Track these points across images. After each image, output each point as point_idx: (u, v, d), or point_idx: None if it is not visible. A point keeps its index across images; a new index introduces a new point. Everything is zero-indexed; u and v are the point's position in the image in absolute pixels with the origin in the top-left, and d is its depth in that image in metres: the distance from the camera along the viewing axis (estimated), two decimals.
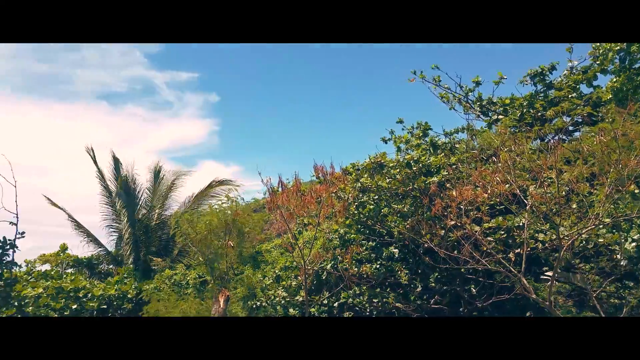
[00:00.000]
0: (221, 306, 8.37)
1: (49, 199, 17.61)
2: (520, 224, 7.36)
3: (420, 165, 9.15)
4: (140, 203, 18.62)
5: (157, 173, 19.20)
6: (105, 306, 12.06)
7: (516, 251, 7.32)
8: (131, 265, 16.12)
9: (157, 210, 18.74)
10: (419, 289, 8.83)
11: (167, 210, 18.94)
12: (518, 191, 6.69)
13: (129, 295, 12.27)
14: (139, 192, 18.68)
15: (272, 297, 8.97)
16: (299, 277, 9.08)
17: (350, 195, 9.38)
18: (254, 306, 9.08)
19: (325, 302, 9.11)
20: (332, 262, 9.24)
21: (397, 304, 8.63)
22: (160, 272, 14.35)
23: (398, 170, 9.21)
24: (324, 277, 9.35)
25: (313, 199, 8.80)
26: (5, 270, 7.71)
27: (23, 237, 7.82)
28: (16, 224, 7.66)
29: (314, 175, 9.79)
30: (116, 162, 18.58)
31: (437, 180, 8.60)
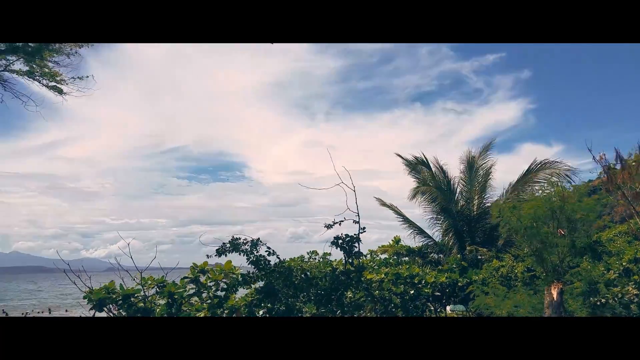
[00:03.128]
0: (555, 299, 7.56)
1: (379, 199, 20.31)
2: None
3: None
4: (457, 195, 19.09)
5: (470, 164, 19.29)
6: (439, 293, 12.85)
7: None
8: (458, 255, 16.65)
9: (475, 201, 18.82)
10: None
11: (487, 199, 18.77)
12: None
13: (459, 284, 12.68)
14: (453, 184, 19.19)
15: (620, 295, 7.44)
16: None
17: None
18: (598, 303, 7.74)
19: None
20: None
21: None
22: (488, 262, 14.24)
23: None
24: None
25: None
26: (354, 259, 9.30)
27: (364, 231, 9.25)
28: (358, 222, 9.11)
29: None
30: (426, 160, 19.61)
31: None
